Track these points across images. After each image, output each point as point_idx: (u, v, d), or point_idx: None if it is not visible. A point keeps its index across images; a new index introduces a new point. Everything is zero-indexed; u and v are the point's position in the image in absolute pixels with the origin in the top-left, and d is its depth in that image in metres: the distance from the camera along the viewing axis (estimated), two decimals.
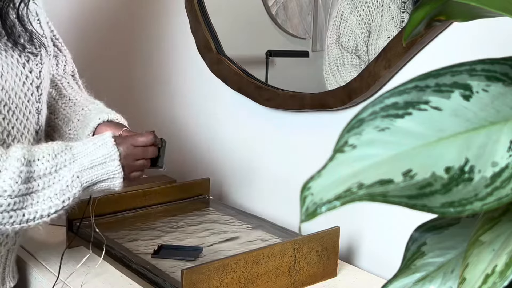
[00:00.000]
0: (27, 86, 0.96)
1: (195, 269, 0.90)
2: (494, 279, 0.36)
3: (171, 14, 1.61)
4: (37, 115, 0.99)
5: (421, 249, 0.48)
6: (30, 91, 0.96)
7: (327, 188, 0.36)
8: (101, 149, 0.90)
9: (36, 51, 0.97)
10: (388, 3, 1.11)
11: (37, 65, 0.98)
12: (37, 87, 0.98)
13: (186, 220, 1.26)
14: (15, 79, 0.93)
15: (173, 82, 1.65)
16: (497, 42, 0.93)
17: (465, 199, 0.35)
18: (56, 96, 1.10)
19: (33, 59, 0.97)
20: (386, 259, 1.07)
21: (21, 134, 0.95)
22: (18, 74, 0.94)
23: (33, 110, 0.98)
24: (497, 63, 0.40)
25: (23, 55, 0.95)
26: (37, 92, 0.98)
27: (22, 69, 0.95)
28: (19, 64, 0.94)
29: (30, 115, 0.97)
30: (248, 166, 1.43)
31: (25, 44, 0.96)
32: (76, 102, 1.08)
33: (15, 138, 0.94)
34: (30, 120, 0.97)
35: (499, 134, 0.37)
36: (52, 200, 0.86)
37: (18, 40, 0.94)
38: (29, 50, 0.96)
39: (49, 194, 0.86)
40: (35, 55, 0.97)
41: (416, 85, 0.40)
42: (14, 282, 1.06)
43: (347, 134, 0.39)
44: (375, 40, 1.13)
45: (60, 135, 1.06)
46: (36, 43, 0.97)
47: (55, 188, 0.86)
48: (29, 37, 0.96)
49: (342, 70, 1.19)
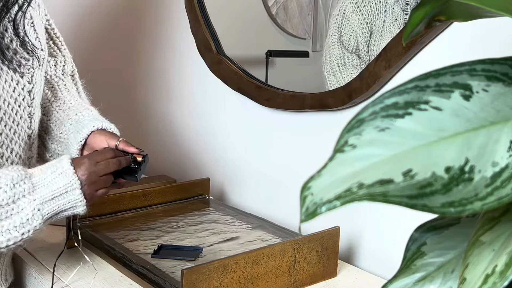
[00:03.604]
0: (18, 92, 0.94)
1: (195, 269, 0.90)
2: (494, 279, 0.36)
3: (171, 14, 1.61)
4: (29, 119, 0.97)
5: (421, 249, 0.48)
6: (21, 96, 0.95)
7: (327, 188, 0.36)
8: (61, 178, 0.87)
9: (28, 56, 0.95)
10: (392, 5, 1.11)
11: (29, 69, 0.96)
12: (29, 91, 0.96)
13: (186, 220, 1.26)
14: (3, 86, 0.92)
15: (173, 82, 1.65)
16: (497, 42, 0.93)
17: (465, 199, 0.35)
18: (51, 98, 1.08)
19: (24, 64, 0.95)
20: (386, 259, 1.07)
21: (11, 139, 0.94)
22: (7, 80, 0.92)
23: (25, 115, 0.96)
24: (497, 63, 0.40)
25: (14, 60, 0.93)
26: (29, 96, 0.96)
27: (13, 74, 0.93)
28: (10, 69, 0.92)
29: (21, 120, 0.95)
30: (248, 166, 1.43)
31: (16, 49, 0.94)
32: (70, 106, 1.06)
33: (3, 144, 0.93)
34: (21, 125, 0.96)
35: (499, 134, 0.37)
36: (11, 232, 0.83)
37: (10, 45, 0.93)
38: (21, 55, 0.94)
39: (8, 226, 0.83)
40: (26, 60, 0.95)
41: (416, 85, 0.40)
42: (6, 285, 1.05)
43: (347, 134, 0.39)
44: (377, 41, 1.13)
45: (51, 138, 1.05)
46: (28, 47, 0.95)
47: (14, 220, 0.83)
48: (21, 41, 0.94)
49: (343, 70, 1.18)
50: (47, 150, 1.06)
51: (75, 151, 0.99)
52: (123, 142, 0.97)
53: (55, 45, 1.12)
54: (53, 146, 1.05)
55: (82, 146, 0.99)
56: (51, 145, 1.05)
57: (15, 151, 0.96)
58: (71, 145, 1.00)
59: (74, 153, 0.99)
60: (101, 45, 1.88)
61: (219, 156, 1.51)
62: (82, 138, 0.98)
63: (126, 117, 1.80)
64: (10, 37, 0.93)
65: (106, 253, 1.11)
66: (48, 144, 1.06)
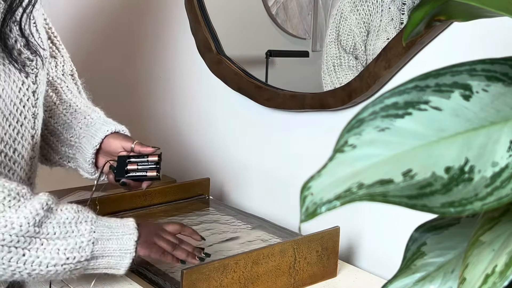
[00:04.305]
0: (23, 92, 0.94)
1: (195, 269, 0.90)
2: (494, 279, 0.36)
3: (171, 15, 1.61)
4: (33, 119, 0.97)
5: (421, 249, 0.48)
6: (26, 96, 0.95)
7: (327, 188, 0.36)
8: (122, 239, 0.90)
9: (32, 56, 0.96)
10: (388, 4, 1.11)
11: (33, 69, 0.96)
12: (34, 92, 0.97)
13: (186, 220, 1.26)
14: (12, 86, 0.92)
15: (173, 82, 1.65)
16: (497, 42, 0.93)
17: (465, 199, 0.35)
18: (57, 101, 1.09)
19: (28, 64, 0.95)
20: (386, 259, 1.07)
21: (14, 139, 0.94)
22: (15, 80, 0.93)
23: (29, 115, 0.96)
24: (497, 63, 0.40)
25: (19, 61, 0.93)
26: (33, 97, 0.97)
27: (19, 75, 0.93)
28: (16, 70, 0.93)
29: (25, 120, 0.96)
30: (248, 166, 1.43)
31: (21, 49, 0.94)
32: (77, 109, 1.08)
33: (7, 144, 0.93)
34: (25, 126, 0.96)
35: (499, 134, 0.37)
36: (59, 253, 0.84)
37: (14, 45, 0.93)
38: (25, 55, 0.95)
39: (59, 246, 0.84)
40: (30, 60, 0.95)
41: (416, 85, 0.40)
42: (5, 285, 1.05)
43: (347, 134, 0.39)
44: (373, 40, 1.13)
45: (60, 141, 1.06)
46: (32, 48, 0.96)
47: (68, 242, 0.85)
48: (25, 42, 0.95)
49: (338, 70, 1.19)
50: (55, 152, 1.08)
51: (90, 155, 1.02)
52: (138, 144, 1.00)
53: (54, 45, 1.12)
54: (63, 149, 1.07)
55: (96, 150, 1.02)
56: (61, 148, 1.07)
57: (18, 151, 0.96)
58: (85, 149, 1.03)
59: (88, 157, 1.02)
60: (102, 45, 1.88)
61: (219, 156, 1.50)
62: (97, 143, 1.01)
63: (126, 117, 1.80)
64: (14, 38, 0.93)
65: None
66: (58, 147, 1.07)
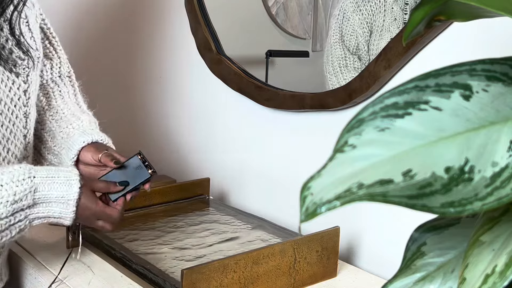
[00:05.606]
0: (13, 91, 0.94)
1: (195, 269, 0.90)
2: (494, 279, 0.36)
3: (171, 14, 1.61)
4: (24, 119, 0.97)
5: (421, 249, 0.48)
6: (17, 95, 0.95)
7: (327, 188, 0.36)
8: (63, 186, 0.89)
9: (23, 55, 0.95)
10: (391, 4, 1.11)
11: (24, 69, 0.96)
12: (25, 91, 0.96)
13: (186, 220, 1.26)
14: (1, 86, 0.92)
15: (173, 82, 1.65)
16: (497, 42, 0.93)
17: (465, 199, 0.35)
18: (45, 106, 1.08)
19: (20, 64, 0.95)
20: (386, 259, 1.07)
21: (7, 139, 0.94)
22: (4, 80, 0.92)
23: (20, 114, 0.96)
24: (497, 63, 0.40)
25: (10, 60, 0.93)
26: (24, 96, 0.96)
27: (9, 74, 0.93)
28: (6, 69, 0.92)
29: (17, 120, 0.95)
30: (248, 166, 1.43)
31: (12, 48, 0.93)
32: (62, 117, 1.06)
33: (0, 144, 0.93)
34: (17, 125, 0.95)
35: (499, 134, 0.37)
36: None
37: (5, 44, 0.92)
38: (16, 54, 0.94)
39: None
40: (22, 59, 0.95)
41: (416, 85, 0.40)
42: (1, 284, 1.05)
43: (347, 134, 0.39)
44: (376, 40, 1.13)
45: (46, 148, 1.05)
46: (23, 47, 0.95)
47: (3, 177, 0.84)
48: (17, 41, 0.94)
49: (344, 72, 1.18)
50: (44, 159, 1.07)
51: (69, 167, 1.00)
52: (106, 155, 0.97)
53: (51, 45, 1.11)
54: (49, 156, 1.06)
55: (75, 162, 1.00)
56: (47, 155, 1.06)
57: (11, 151, 0.96)
58: (64, 162, 1.01)
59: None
60: (101, 45, 1.88)
61: (219, 156, 1.51)
62: (73, 155, 0.99)
63: (127, 117, 1.80)
64: (5, 37, 0.93)
65: (106, 253, 1.11)
66: (45, 154, 1.06)
